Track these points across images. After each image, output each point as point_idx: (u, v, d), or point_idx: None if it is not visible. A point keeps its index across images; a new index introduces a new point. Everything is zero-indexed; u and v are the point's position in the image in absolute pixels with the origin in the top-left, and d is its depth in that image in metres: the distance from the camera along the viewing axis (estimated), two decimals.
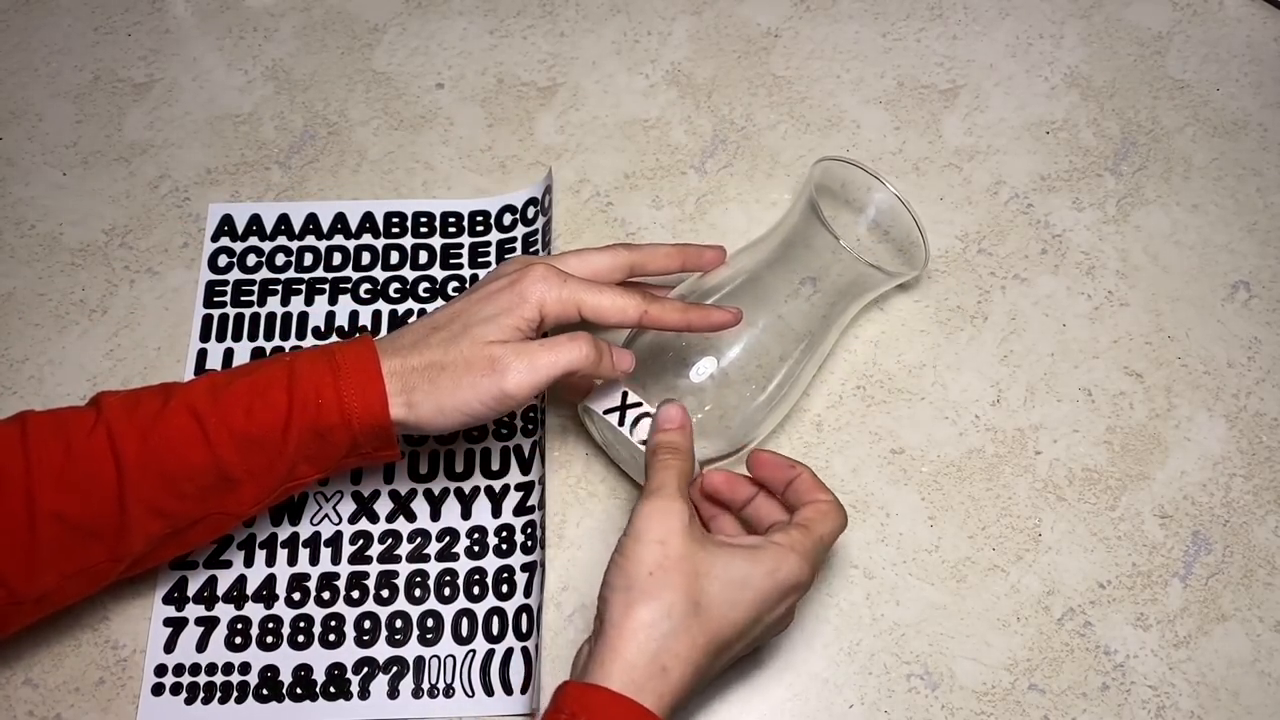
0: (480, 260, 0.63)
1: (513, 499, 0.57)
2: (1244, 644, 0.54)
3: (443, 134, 0.68)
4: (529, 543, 0.56)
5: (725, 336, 0.54)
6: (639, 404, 0.53)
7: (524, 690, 0.53)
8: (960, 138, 0.68)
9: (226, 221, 0.64)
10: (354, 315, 0.62)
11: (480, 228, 0.64)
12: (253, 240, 0.64)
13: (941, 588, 0.55)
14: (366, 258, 0.64)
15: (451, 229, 0.64)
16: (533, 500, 0.57)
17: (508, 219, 0.64)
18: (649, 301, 0.51)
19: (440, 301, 0.62)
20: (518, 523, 0.57)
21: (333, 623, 0.54)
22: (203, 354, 0.61)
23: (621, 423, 0.52)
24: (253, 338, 0.61)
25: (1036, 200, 0.66)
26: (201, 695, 0.53)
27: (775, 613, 0.48)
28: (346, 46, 0.71)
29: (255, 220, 0.64)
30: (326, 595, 0.55)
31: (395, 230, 0.64)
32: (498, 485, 0.58)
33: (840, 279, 0.57)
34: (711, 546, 0.47)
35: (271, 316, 0.62)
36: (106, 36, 0.71)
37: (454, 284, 0.63)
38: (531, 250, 0.63)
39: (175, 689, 0.53)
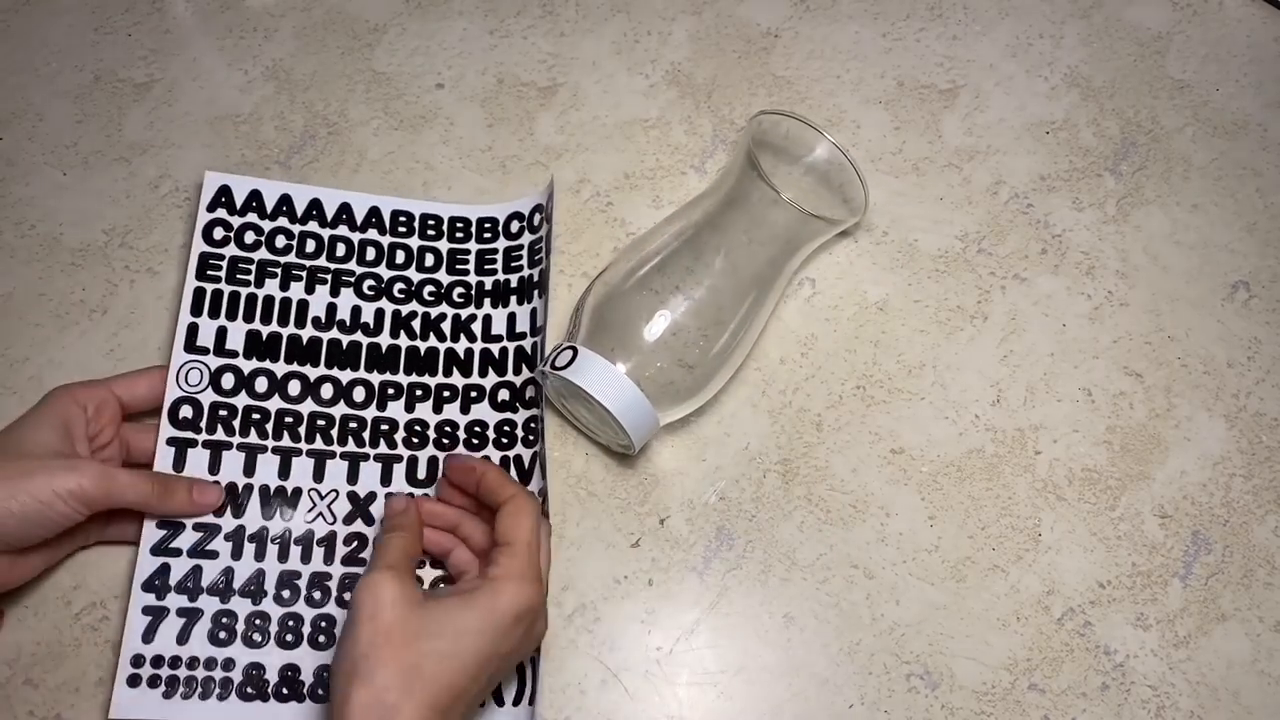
0: (487, 267, 0.62)
1: None
2: (1244, 644, 0.54)
3: (443, 134, 0.68)
4: None
5: (675, 293, 0.55)
6: (564, 344, 0.54)
7: (524, 691, 0.53)
8: (960, 138, 0.68)
9: (224, 193, 0.61)
10: (356, 310, 0.60)
11: (488, 234, 0.64)
12: (251, 217, 0.61)
13: (941, 588, 0.55)
14: (371, 253, 0.62)
15: (459, 234, 0.64)
16: None
17: (515, 226, 0.64)
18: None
19: (445, 306, 0.61)
20: None
21: (323, 624, 0.53)
22: (193, 329, 0.58)
23: (545, 361, 0.54)
24: (249, 319, 0.59)
25: (1036, 200, 0.66)
26: (181, 689, 0.51)
27: (510, 642, 0.47)
28: (346, 46, 0.71)
29: (255, 196, 0.62)
30: (318, 595, 0.54)
31: (402, 230, 0.63)
32: None
33: (783, 228, 0.59)
34: (430, 605, 0.46)
35: (269, 300, 0.60)
36: (106, 36, 0.71)
37: (459, 290, 0.62)
38: (535, 257, 0.62)
39: (153, 681, 0.51)
